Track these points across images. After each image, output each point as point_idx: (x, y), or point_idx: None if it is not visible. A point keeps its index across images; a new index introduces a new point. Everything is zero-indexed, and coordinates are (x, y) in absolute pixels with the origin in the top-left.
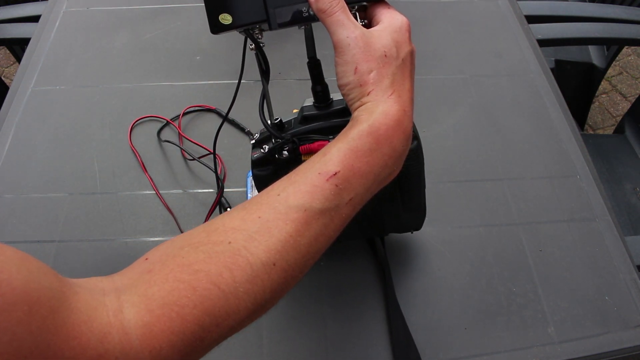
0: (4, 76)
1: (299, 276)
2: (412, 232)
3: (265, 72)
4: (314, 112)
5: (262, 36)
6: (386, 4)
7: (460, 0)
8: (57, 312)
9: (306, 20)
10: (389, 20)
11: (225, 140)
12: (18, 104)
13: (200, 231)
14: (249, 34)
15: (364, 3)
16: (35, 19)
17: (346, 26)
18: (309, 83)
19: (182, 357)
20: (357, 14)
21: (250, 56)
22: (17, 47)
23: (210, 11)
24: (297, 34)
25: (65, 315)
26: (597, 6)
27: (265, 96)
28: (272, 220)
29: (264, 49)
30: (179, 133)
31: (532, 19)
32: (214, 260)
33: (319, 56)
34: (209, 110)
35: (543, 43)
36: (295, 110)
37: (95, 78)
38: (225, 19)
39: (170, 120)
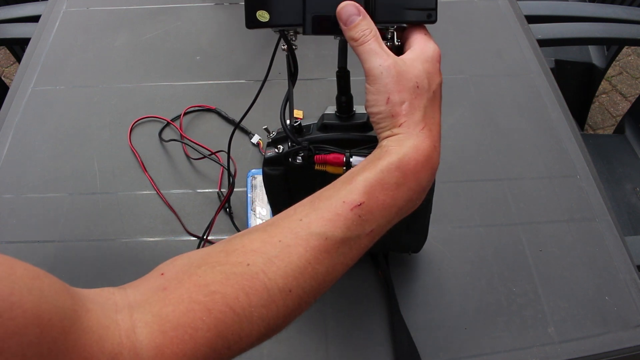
0: (4, 76)
1: (312, 302)
2: (409, 254)
3: (293, 75)
4: (335, 121)
5: (295, 38)
6: (424, 28)
7: (460, 0)
8: (69, 333)
9: (341, 32)
10: (421, 48)
11: (225, 140)
12: (18, 104)
13: (219, 250)
14: (283, 35)
15: (404, 25)
16: (35, 19)
17: (379, 54)
18: (309, 84)
19: None
20: (395, 33)
21: (250, 55)
22: (17, 47)
23: (249, 5)
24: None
25: (77, 336)
26: (597, 6)
27: (289, 98)
28: (292, 245)
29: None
30: (180, 133)
31: (532, 19)
32: (231, 282)
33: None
34: (209, 110)
35: (543, 43)
36: (296, 111)
37: (95, 78)
38: (263, 16)
39: (171, 120)
